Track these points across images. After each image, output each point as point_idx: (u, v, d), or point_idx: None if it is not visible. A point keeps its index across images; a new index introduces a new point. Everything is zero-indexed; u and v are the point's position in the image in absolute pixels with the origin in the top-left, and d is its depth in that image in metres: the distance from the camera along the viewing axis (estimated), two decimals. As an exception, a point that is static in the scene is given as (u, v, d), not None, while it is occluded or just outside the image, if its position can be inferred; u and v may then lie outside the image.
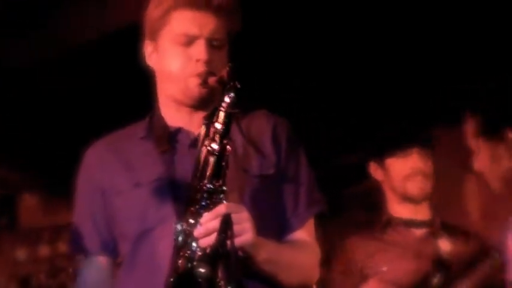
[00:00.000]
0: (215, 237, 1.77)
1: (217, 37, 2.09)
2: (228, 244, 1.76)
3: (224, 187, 1.89)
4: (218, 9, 2.09)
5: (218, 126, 1.91)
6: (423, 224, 3.11)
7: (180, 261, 1.85)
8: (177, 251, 1.87)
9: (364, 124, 4.77)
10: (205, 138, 1.93)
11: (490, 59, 4.02)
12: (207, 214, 1.86)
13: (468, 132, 2.62)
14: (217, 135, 1.90)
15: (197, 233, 1.85)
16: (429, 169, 3.09)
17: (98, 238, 2.15)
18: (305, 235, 2.12)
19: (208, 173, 1.89)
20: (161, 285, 1.86)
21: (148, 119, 2.20)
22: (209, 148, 1.90)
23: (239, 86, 1.93)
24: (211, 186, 1.88)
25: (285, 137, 2.16)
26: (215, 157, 1.89)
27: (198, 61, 2.05)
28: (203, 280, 1.75)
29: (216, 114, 1.93)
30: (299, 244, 2.09)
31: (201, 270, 1.76)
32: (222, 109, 1.92)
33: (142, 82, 2.25)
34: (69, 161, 2.42)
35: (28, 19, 4.01)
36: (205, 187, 1.88)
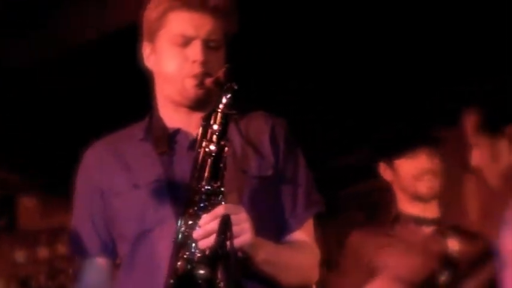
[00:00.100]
0: (214, 238, 1.78)
1: (213, 38, 2.09)
2: (227, 245, 1.76)
3: (222, 188, 1.90)
4: (215, 10, 2.09)
5: (215, 127, 1.91)
6: (432, 222, 3.14)
7: (180, 262, 1.86)
8: (176, 253, 1.88)
9: (360, 126, 4.78)
10: (202, 139, 1.93)
11: (488, 60, 4.03)
12: (206, 216, 1.86)
13: (467, 127, 2.62)
14: (214, 136, 1.91)
15: (196, 235, 1.86)
16: (437, 168, 3.14)
17: (97, 239, 2.15)
18: (304, 236, 2.12)
19: (206, 175, 1.89)
20: (160, 286, 1.86)
21: (147, 120, 2.20)
22: (207, 149, 1.90)
23: (236, 87, 1.94)
24: (209, 187, 1.88)
25: (283, 138, 2.16)
26: (213, 158, 1.89)
27: (195, 62, 2.06)
28: (203, 281, 1.75)
29: (214, 115, 1.93)
30: (298, 245, 2.10)
31: (201, 271, 1.77)
32: (219, 110, 1.92)
33: (141, 82, 2.25)
34: (68, 162, 2.42)
35: (28, 19, 4.01)
36: (203, 188, 1.88)
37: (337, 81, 4.49)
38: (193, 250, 1.86)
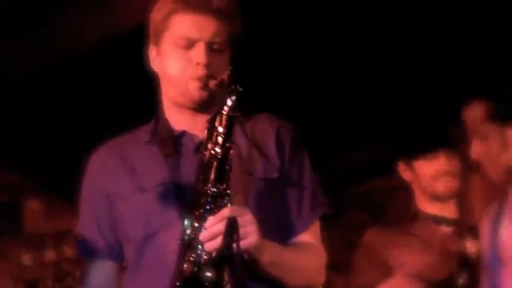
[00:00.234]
0: (220, 240, 1.78)
1: (217, 40, 2.09)
2: (234, 247, 1.77)
3: (228, 190, 1.90)
4: (218, 12, 2.09)
5: (220, 129, 1.92)
6: (450, 222, 3.15)
7: (186, 265, 1.86)
8: (183, 255, 1.88)
9: (363, 126, 4.78)
10: (208, 142, 1.94)
11: (486, 61, 4.02)
12: (212, 218, 1.86)
13: (473, 117, 2.60)
14: (220, 138, 1.91)
15: (202, 237, 1.86)
16: (456, 169, 3.15)
17: (104, 242, 2.15)
18: (310, 238, 2.12)
19: (212, 177, 1.89)
20: (166, 289, 1.87)
21: (152, 123, 2.20)
22: (212, 152, 1.91)
23: (241, 89, 1.94)
24: (215, 190, 1.89)
25: (289, 140, 2.16)
26: (218, 161, 1.90)
27: (198, 64, 2.06)
28: (209, 284, 1.76)
29: (219, 117, 1.93)
30: (304, 247, 2.10)
31: (207, 274, 1.77)
32: (224, 112, 1.93)
33: (144, 82, 2.25)
34: (73, 165, 2.42)
35: (28, 19, 4.01)
36: (209, 191, 1.89)
37: (338, 81, 4.49)
38: (199, 252, 1.85)
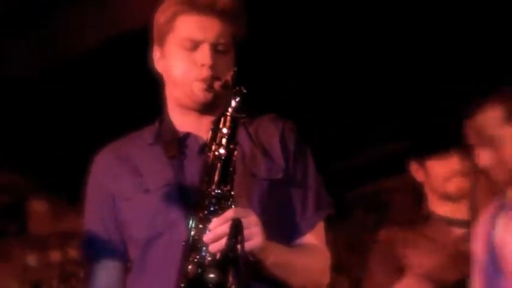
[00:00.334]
0: (225, 242, 1.78)
1: (222, 41, 2.10)
2: (238, 249, 1.77)
3: (232, 192, 1.90)
4: (222, 13, 2.10)
5: (225, 131, 1.92)
6: (462, 224, 3.14)
7: (190, 266, 1.86)
8: (187, 256, 1.88)
9: (367, 127, 4.77)
10: (212, 143, 1.94)
11: (484, 60, 4.02)
12: (216, 219, 1.86)
13: (491, 118, 2.58)
14: (224, 140, 1.92)
15: (206, 239, 1.86)
16: (468, 169, 3.14)
17: (109, 243, 2.15)
18: (314, 239, 2.12)
19: (216, 178, 1.90)
20: (171, 290, 1.88)
21: (157, 124, 2.21)
22: (216, 153, 1.91)
23: (245, 91, 1.95)
24: (219, 191, 1.89)
25: (293, 141, 2.17)
26: (222, 162, 1.90)
27: (203, 66, 2.06)
28: (213, 285, 1.75)
29: (223, 119, 1.94)
30: (308, 248, 2.10)
31: (211, 275, 1.77)
32: (228, 114, 1.93)
33: (144, 82, 2.25)
34: (77, 166, 2.42)
35: (28, 19, 4.01)
36: (213, 192, 1.89)
37: (344, 83, 4.48)
38: (203, 254, 1.86)
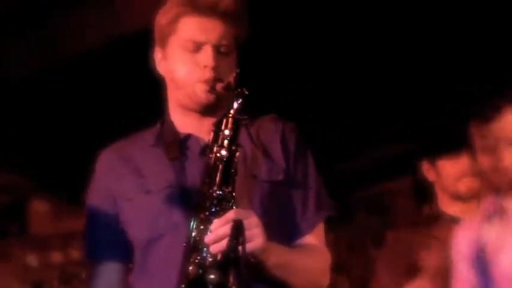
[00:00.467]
0: (226, 243, 1.79)
1: (224, 43, 2.10)
2: (239, 250, 1.77)
3: (233, 193, 1.91)
4: (225, 15, 2.10)
5: (226, 132, 1.93)
6: None
7: (191, 267, 1.86)
8: (188, 257, 1.89)
9: (371, 128, 4.77)
10: (213, 144, 1.95)
11: (486, 61, 4.02)
12: (217, 220, 1.87)
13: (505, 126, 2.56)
14: (225, 141, 1.92)
15: (208, 240, 1.86)
16: (478, 169, 3.14)
17: (110, 244, 2.16)
18: (314, 240, 2.13)
19: (217, 180, 1.90)
20: (172, 291, 1.88)
21: (159, 126, 2.21)
22: (218, 155, 1.92)
23: (247, 93, 1.95)
24: (220, 192, 1.89)
25: (294, 142, 2.17)
26: (224, 163, 1.91)
27: (205, 67, 2.07)
28: (214, 286, 1.76)
29: (225, 120, 1.95)
30: (308, 248, 2.10)
31: (212, 276, 1.77)
32: (230, 115, 1.94)
33: (145, 82, 2.26)
34: (78, 167, 2.43)
35: (28, 19, 4.01)
36: (214, 194, 1.89)
37: (346, 84, 4.49)
38: (204, 255, 1.86)
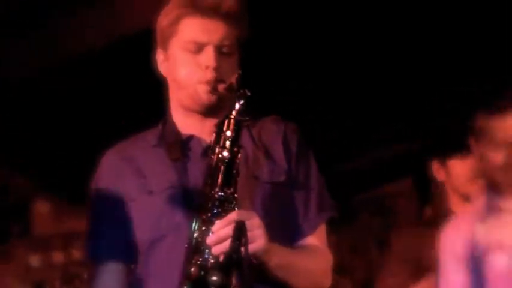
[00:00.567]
0: (228, 244, 1.79)
1: (226, 44, 2.10)
2: (242, 251, 1.77)
3: (235, 194, 1.91)
4: (226, 16, 2.10)
5: (228, 133, 1.93)
6: None
7: (193, 268, 1.87)
8: (190, 258, 1.89)
9: (374, 130, 4.77)
10: (216, 145, 1.95)
11: (486, 61, 4.02)
12: (219, 221, 1.87)
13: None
14: (227, 142, 1.92)
15: (210, 241, 1.86)
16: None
17: (112, 244, 2.15)
18: (316, 241, 2.13)
19: (219, 181, 1.90)
20: (173, 292, 1.88)
21: (160, 126, 2.21)
22: (220, 156, 1.92)
23: (249, 94, 1.95)
24: (222, 193, 1.90)
25: (296, 143, 2.17)
26: (226, 165, 1.91)
27: (207, 68, 2.07)
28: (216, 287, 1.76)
29: (227, 121, 1.95)
30: (310, 249, 2.10)
31: (215, 277, 1.77)
32: (232, 117, 1.94)
33: (147, 83, 2.26)
34: (80, 167, 2.43)
35: (28, 19, 4.01)
36: (216, 195, 1.90)
37: (349, 85, 4.49)
38: (206, 256, 1.86)
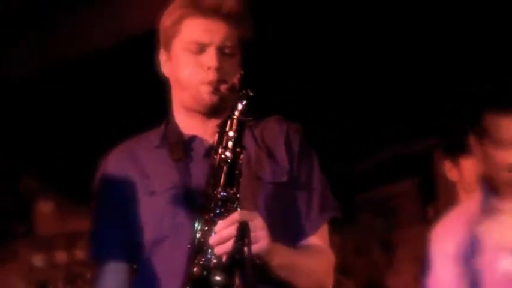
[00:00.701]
0: (231, 244, 1.79)
1: (228, 44, 2.11)
2: (245, 251, 1.77)
3: (238, 195, 1.91)
4: (228, 16, 2.11)
5: (231, 134, 1.93)
6: None
7: (195, 268, 1.87)
8: (192, 259, 1.89)
9: (377, 131, 4.77)
10: (218, 146, 1.95)
11: (486, 61, 4.02)
12: (222, 222, 1.87)
13: None
14: (230, 143, 1.93)
15: (212, 241, 1.87)
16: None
17: (116, 244, 2.16)
18: (318, 240, 2.13)
19: (222, 181, 1.91)
20: (176, 292, 1.89)
21: (163, 127, 2.21)
22: (223, 156, 1.92)
23: (251, 94, 1.95)
24: (225, 194, 1.90)
25: (298, 143, 2.17)
26: (228, 165, 1.91)
27: (210, 69, 2.07)
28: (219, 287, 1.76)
29: (229, 122, 1.95)
30: (313, 249, 2.10)
31: (217, 278, 1.77)
32: (235, 117, 1.94)
33: (149, 83, 2.26)
34: (84, 167, 2.44)
35: (29, 19, 4.01)
36: (219, 195, 1.90)
37: (354, 86, 4.49)
38: (209, 256, 1.87)
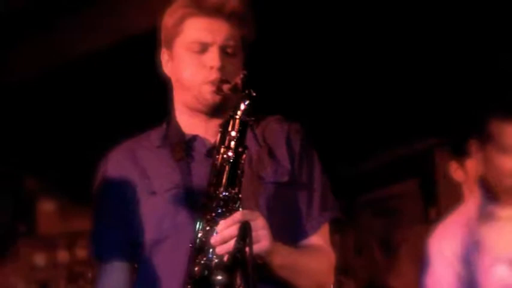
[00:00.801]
0: (233, 244, 1.79)
1: (230, 44, 2.10)
2: (246, 251, 1.77)
3: (240, 195, 1.91)
4: (231, 16, 2.11)
5: (233, 134, 1.93)
6: None
7: (197, 268, 1.87)
8: (194, 258, 1.89)
9: (379, 132, 4.77)
10: (220, 146, 1.95)
11: (488, 61, 4.01)
12: (224, 221, 1.87)
13: None
14: (232, 143, 1.93)
15: (214, 241, 1.87)
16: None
17: (117, 244, 2.16)
18: (319, 240, 2.13)
19: (223, 181, 1.91)
20: (177, 291, 1.89)
21: (164, 126, 2.21)
22: (225, 156, 1.92)
23: (254, 94, 1.95)
24: (227, 193, 1.90)
25: (299, 143, 2.17)
26: (230, 165, 1.91)
27: (212, 68, 2.07)
28: (220, 287, 1.76)
29: (231, 122, 1.95)
30: (313, 249, 2.10)
31: (218, 277, 1.77)
32: (237, 117, 1.94)
33: (151, 83, 2.26)
34: (86, 167, 2.44)
35: (29, 19, 4.02)
36: (221, 195, 1.90)
37: (355, 87, 4.49)
38: (210, 256, 1.87)
